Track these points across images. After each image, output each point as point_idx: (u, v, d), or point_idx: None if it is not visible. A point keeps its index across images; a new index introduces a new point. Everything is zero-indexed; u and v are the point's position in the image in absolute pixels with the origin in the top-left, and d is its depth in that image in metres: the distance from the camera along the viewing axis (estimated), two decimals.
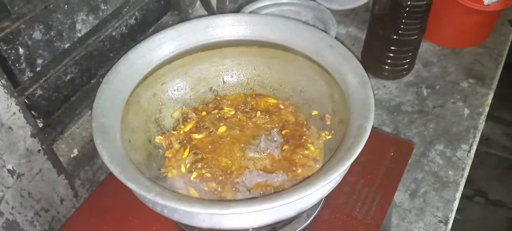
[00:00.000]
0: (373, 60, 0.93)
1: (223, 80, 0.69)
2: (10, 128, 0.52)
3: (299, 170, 0.59)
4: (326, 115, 0.63)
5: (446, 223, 0.73)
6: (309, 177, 0.52)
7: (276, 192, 0.46)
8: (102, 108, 0.54)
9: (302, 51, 0.64)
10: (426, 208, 0.75)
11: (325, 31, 0.66)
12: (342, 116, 0.60)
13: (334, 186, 0.52)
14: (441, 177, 0.79)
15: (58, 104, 0.69)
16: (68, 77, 0.70)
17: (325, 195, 0.51)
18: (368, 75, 0.57)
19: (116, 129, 0.54)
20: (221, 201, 0.45)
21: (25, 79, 0.63)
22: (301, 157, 0.61)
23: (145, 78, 0.62)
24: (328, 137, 0.62)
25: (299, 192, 0.44)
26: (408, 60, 0.92)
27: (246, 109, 0.67)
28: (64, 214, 0.65)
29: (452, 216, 0.75)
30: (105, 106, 0.54)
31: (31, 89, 0.55)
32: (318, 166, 0.60)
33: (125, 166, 0.48)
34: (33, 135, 0.56)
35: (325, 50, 0.61)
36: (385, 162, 0.67)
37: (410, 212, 0.75)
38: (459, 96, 0.92)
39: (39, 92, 0.66)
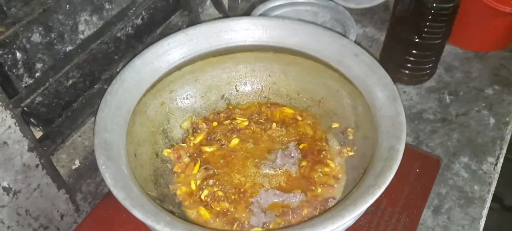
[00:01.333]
0: (393, 63, 0.88)
1: (236, 88, 0.65)
2: (5, 142, 0.48)
3: (319, 190, 0.55)
4: (348, 129, 0.58)
5: None
6: (331, 202, 0.47)
7: (297, 224, 0.41)
8: (105, 122, 0.49)
9: (322, 59, 0.59)
10: (450, 226, 0.70)
11: (345, 36, 0.61)
12: (366, 131, 0.55)
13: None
14: (466, 192, 0.74)
15: (59, 111, 0.64)
16: (70, 82, 0.65)
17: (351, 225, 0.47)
18: None
19: (120, 143, 0.50)
20: None
21: (23, 85, 0.58)
22: (321, 175, 0.56)
23: (152, 86, 0.58)
24: (350, 153, 0.57)
25: (324, 226, 0.40)
26: (430, 65, 0.87)
27: (261, 120, 0.62)
28: (65, 230, 0.61)
29: None
30: (109, 119, 0.50)
31: (28, 100, 0.50)
32: (338, 185, 0.55)
33: (130, 190, 0.43)
34: (30, 149, 0.51)
35: (349, 58, 0.56)
36: (409, 179, 0.62)
37: (433, 230, 0.70)
38: (484, 104, 0.86)
39: (39, 99, 0.61)
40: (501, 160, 0.78)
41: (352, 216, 0.40)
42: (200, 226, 0.46)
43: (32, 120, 0.63)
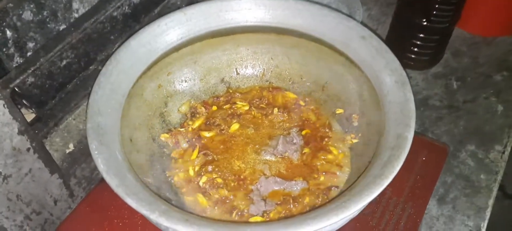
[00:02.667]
0: (399, 48, 0.84)
1: (237, 71, 0.62)
2: None
3: (322, 178, 0.52)
4: (353, 115, 0.56)
5: None
6: (334, 191, 0.45)
7: (299, 213, 0.39)
8: (98, 105, 0.47)
9: (327, 41, 0.57)
10: (455, 216, 0.69)
11: (352, 17, 0.58)
12: (372, 118, 0.52)
13: None
14: (472, 181, 0.72)
15: (53, 93, 0.61)
16: (64, 62, 0.62)
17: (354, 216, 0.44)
18: None
19: (114, 128, 0.47)
20: (235, 224, 0.39)
21: (14, 65, 0.55)
22: (324, 162, 0.54)
23: (149, 68, 0.55)
24: (354, 140, 0.55)
25: (328, 218, 0.37)
26: (437, 49, 0.84)
27: (262, 105, 0.60)
28: (58, 215, 0.59)
29: (484, 226, 0.68)
30: (103, 102, 0.47)
31: (17, 81, 0.48)
32: (342, 173, 0.53)
33: (124, 177, 0.41)
34: (20, 132, 0.49)
35: (356, 41, 0.54)
36: (415, 168, 0.60)
37: (437, 219, 0.68)
38: (492, 91, 0.84)
39: (31, 79, 0.58)
40: (509, 149, 0.76)
41: (357, 207, 0.38)
42: (197, 215, 0.44)
43: (24, 102, 0.61)
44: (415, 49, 0.83)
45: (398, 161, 0.41)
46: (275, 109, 0.59)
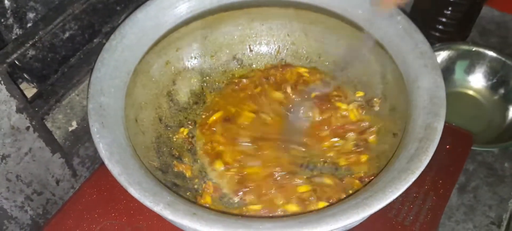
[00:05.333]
0: (423, 24, 0.79)
1: (250, 48, 0.58)
2: None
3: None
4: (375, 99, 0.52)
5: (499, 226, 0.63)
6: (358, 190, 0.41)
7: (319, 210, 0.36)
8: (101, 84, 0.43)
9: (349, 18, 0.52)
10: (476, 206, 0.65)
11: None
12: (395, 103, 0.49)
13: None
14: (495, 170, 0.68)
15: (55, 67, 0.58)
16: (67, 35, 0.58)
17: None
18: None
19: (118, 108, 0.44)
20: (247, 219, 0.36)
21: (13, 37, 0.52)
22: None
23: (156, 43, 0.51)
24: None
25: (349, 216, 0.34)
26: (463, 27, 0.79)
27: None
28: (61, 196, 0.57)
29: (506, 217, 0.64)
30: (106, 80, 0.44)
31: (15, 55, 0.45)
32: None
33: (127, 163, 0.38)
34: (19, 110, 0.46)
35: (381, 19, 0.49)
36: (438, 157, 0.55)
37: (457, 209, 0.65)
38: None
39: (31, 52, 0.55)
40: None
41: (380, 205, 0.35)
42: (205, 206, 0.41)
43: (25, 76, 0.58)
44: (440, 26, 0.78)
45: (426, 154, 0.37)
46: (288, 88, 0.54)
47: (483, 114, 0.71)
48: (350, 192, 0.44)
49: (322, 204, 0.44)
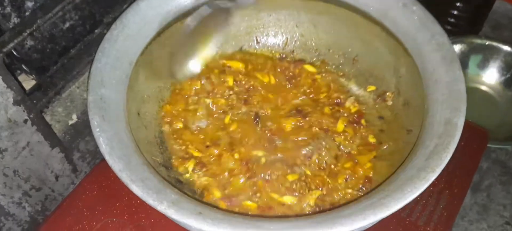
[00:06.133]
0: (433, 16, 0.77)
1: (257, 40, 0.56)
2: None
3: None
4: (387, 93, 0.50)
5: None
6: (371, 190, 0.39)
7: (332, 211, 0.33)
8: (102, 75, 0.41)
9: (361, 8, 0.50)
10: (490, 206, 0.63)
11: None
12: (410, 97, 0.46)
13: None
14: (509, 168, 0.66)
15: (55, 58, 0.56)
16: (67, 25, 0.56)
17: None
18: None
19: (120, 101, 0.42)
20: (255, 218, 0.33)
21: (10, 26, 0.50)
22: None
23: (159, 33, 0.49)
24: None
25: (365, 217, 0.32)
26: (475, 21, 0.77)
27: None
28: (61, 192, 0.55)
29: None
30: (107, 72, 0.42)
31: (11, 45, 0.42)
32: None
33: (129, 159, 0.36)
34: (16, 102, 0.44)
35: (395, 9, 0.47)
36: (453, 154, 0.54)
37: (470, 209, 0.63)
38: None
39: (30, 43, 0.53)
40: None
41: (398, 206, 0.33)
42: (211, 205, 0.39)
43: (24, 67, 0.56)
44: (452, 19, 0.75)
45: (446, 151, 0.35)
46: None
47: (497, 111, 0.69)
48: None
49: (316, 193, 0.43)
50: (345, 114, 0.49)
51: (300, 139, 0.47)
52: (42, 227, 0.50)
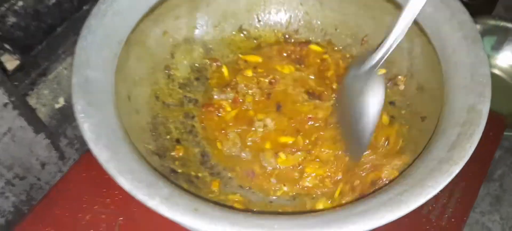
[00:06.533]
0: None
1: (258, 18, 0.52)
2: None
3: None
4: (399, 77, 0.46)
5: None
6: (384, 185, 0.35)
7: (345, 207, 0.30)
8: (88, 55, 0.37)
9: None
10: (503, 196, 0.60)
11: None
12: (424, 81, 0.43)
13: None
14: None
15: (40, 37, 0.52)
16: (53, 0, 0.52)
17: None
18: None
19: (108, 83, 0.38)
20: (257, 215, 0.30)
21: None
22: None
23: (152, 9, 0.45)
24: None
25: (382, 215, 0.29)
26: (489, 0, 0.73)
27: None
28: (47, 180, 0.51)
29: None
30: (93, 51, 0.38)
31: None
32: None
33: (117, 148, 0.32)
34: None
35: None
36: None
37: (482, 200, 0.60)
38: None
39: (12, 19, 0.49)
40: None
41: (418, 202, 0.29)
42: (208, 199, 0.35)
43: (7, 47, 0.52)
44: None
45: (470, 141, 0.32)
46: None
47: (510, 96, 0.65)
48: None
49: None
50: None
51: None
52: (27, 218, 0.47)
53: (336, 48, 0.50)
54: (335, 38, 0.51)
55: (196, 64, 0.49)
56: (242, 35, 0.52)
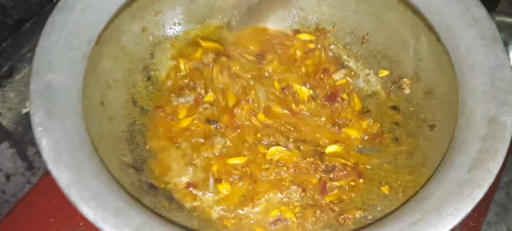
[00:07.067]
0: None
1: None
2: None
3: None
4: (404, 79, 0.42)
5: None
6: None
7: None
8: (50, 56, 0.32)
9: None
10: (510, 205, 0.56)
11: None
12: (433, 83, 0.38)
13: None
14: None
15: (6, 33, 0.47)
16: None
17: None
18: None
19: (74, 88, 0.33)
20: None
21: None
22: None
23: (129, 3, 0.40)
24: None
25: None
26: None
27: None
28: (14, 193, 0.46)
29: None
30: (57, 51, 0.33)
31: None
32: None
33: (81, 167, 0.27)
34: None
35: None
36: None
37: (489, 209, 0.56)
38: None
39: None
40: None
41: None
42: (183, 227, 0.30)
43: None
44: None
45: (495, 160, 0.27)
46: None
47: None
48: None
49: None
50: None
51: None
52: None
53: (334, 46, 0.45)
54: (333, 36, 0.46)
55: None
56: (228, 31, 0.47)
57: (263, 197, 0.37)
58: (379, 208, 0.32)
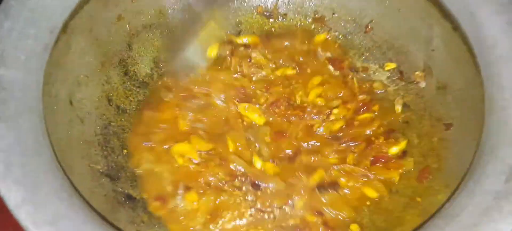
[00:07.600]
0: None
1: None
2: None
3: None
4: (416, 72, 0.37)
5: None
6: None
7: None
8: (3, 47, 0.27)
9: None
10: None
11: None
12: (447, 78, 0.34)
13: None
14: None
15: None
16: None
17: None
18: None
19: (32, 85, 0.28)
20: None
21: None
22: None
23: None
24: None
25: None
26: None
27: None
28: None
29: None
30: (11, 42, 0.28)
31: None
32: None
33: (37, 181, 0.22)
34: None
35: None
36: None
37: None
38: None
39: None
40: None
41: None
42: None
43: None
44: None
45: None
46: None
47: None
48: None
49: None
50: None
51: None
52: None
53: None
54: (332, 24, 0.41)
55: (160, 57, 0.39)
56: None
57: None
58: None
